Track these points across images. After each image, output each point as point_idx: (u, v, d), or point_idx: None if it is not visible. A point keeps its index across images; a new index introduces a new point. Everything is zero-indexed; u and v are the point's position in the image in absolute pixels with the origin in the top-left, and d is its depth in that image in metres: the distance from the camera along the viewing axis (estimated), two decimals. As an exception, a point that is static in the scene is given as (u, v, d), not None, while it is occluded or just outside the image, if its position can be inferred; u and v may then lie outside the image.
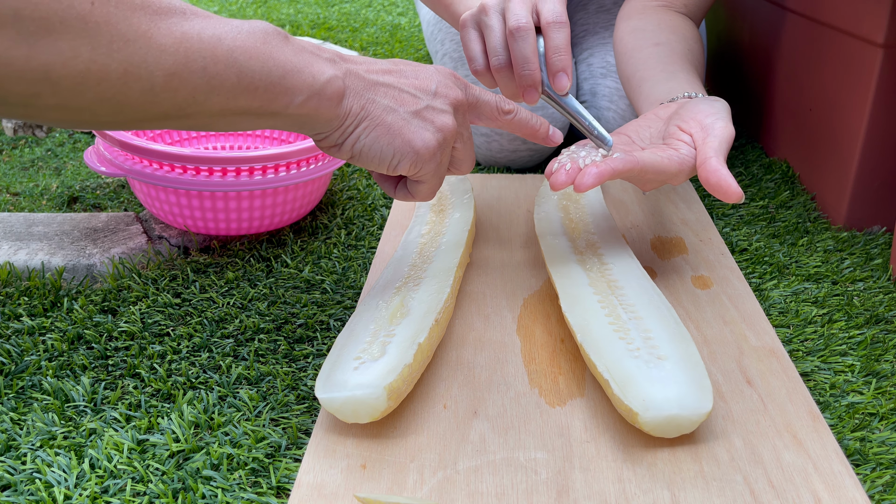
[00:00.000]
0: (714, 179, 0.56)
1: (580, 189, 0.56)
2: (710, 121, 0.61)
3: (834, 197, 0.81)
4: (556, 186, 0.57)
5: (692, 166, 0.60)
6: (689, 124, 0.62)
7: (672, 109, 0.66)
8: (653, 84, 0.73)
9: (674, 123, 0.63)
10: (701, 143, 0.59)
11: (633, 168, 0.57)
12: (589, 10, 1.06)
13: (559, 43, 0.62)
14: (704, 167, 0.57)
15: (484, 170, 0.97)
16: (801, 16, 0.87)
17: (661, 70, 0.74)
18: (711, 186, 0.57)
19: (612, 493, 0.45)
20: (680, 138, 0.61)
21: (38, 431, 0.52)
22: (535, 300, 0.65)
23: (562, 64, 0.62)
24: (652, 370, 0.49)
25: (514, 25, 0.61)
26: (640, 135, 0.64)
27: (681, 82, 0.70)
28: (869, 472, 0.49)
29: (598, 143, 0.61)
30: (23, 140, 1.08)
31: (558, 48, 0.62)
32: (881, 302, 0.67)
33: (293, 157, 0.73)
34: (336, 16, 1.94)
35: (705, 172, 0.57)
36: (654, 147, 0.61)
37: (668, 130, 0.63)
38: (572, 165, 0.57)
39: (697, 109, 0.62)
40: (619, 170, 0.56)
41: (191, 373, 0.58)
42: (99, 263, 0.71)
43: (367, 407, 0.47)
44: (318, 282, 0.70)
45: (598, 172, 0.55)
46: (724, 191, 0.56)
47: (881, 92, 0.74)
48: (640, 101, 0.74)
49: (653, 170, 0.58)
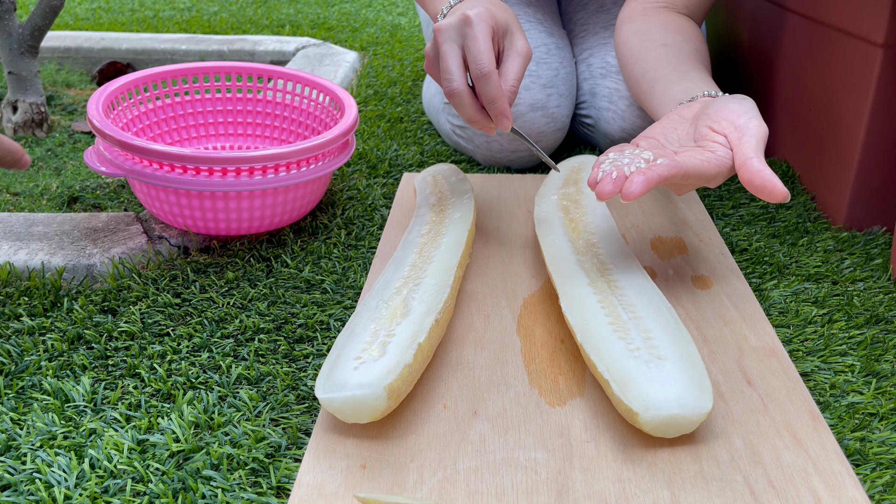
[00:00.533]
0: (758, 181, 0.55)
1: (628, 198, 0.54)
2: (744, 120, 0.59)
3: (834, 197, 0.81)
4: (602, 196, 0.56)
5: (730, 168, 0.58)
6: (722, 125, 0.60)
7: (695, 109, 0.65)
8: (666, 84, 0.72)
9: (704, 124, 0.61)
10: (737, 144, 0.58)
11: (677, 173, 0.56)
12: (589, 9, 1.06)
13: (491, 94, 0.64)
14: (746, 168, 0.56)
15: (484, 170, 0.97)
16: (801, 16, 0.87)
17: (672, 70, 0.73)
18: (755, 188, 0.55)
19: (612, 493, 0.45)
20: (714, 140, 0.60)
21: (38, 431, 0.52)
22: (535, 300, 0.65)
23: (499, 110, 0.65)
24: (652, 370, 0.49)
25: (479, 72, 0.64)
26: (667, 137, 0.63)
27: (695, 81, 0.70)
28: (869, 472, 0.49)
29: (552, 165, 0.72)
30: (23, 140, 1.08)
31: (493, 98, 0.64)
32: (881, 302, 0.67)
33: (293, 157, 0.73)
34: (336, 16, 1.94)
35: (748, 174, 0.56)
36: (690, 150, 0.60)
37: (700, 132, 0.61)
38: (618, 174, 0.56)
39: (728, 109, 0.61)
40: (664, 176, 0.55)
41: (191, 373, 0.58)
42: (99, 263, 0.71)
43: (367, 407, 0.47)
44: (318, 282, 0.70)
45: (645, 180, 0.54)
46: (770, 191, 0.55)
47: (881, 92, 0.74)
48: (655, 101, 0.73)
49: (695, 174, 0.57)
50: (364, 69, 1.43)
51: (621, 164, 0.57)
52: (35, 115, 1.09)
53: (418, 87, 1.31)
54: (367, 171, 0.95)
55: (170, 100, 0.89)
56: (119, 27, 1.79)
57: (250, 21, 1.86)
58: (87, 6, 2.04)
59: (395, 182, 0.92)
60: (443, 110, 1.02)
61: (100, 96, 0.79)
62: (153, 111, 0.88)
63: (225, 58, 1.50)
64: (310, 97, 0.90)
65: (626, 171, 0.56)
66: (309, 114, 0.90)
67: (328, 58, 1.44)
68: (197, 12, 1.97)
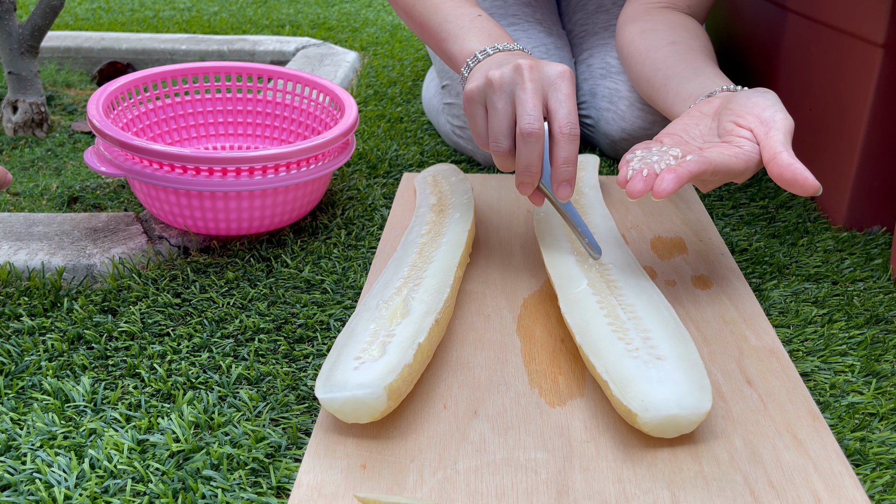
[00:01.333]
0: (790, 174, 0.54)
1: (659, 195, 0.53)
2: (769, 114, 0.59)
3: (834, 197, 0.81)
4: (633, 194, 0.55)
5: (758, 162, 0.58)
6: (747, 119, 0.59)
7: (716, 105, 0.64)
8: (681, 81, 0.71)
9: (728, 119, 0.60)
10: (764, 138, 0.57)
11: (707, 169, 0.55)
12: (588, 10, 1.06)
13: (569, 155, 0.59)
14: (776, 163, 0.55)
15: (484, 170, 0.97)
16: (801, 16, 0.87)
17: (685, 67, 0.72)
18: (787, 181, 0.55)
19: (612, 493, 0.45)
20: (740, 135, 0.59)
21: (38, 431, 0.52)
22: (535, 300, 0.65)
23: (568, 175, 0.60)
24: (651, 370, 0.49)
25: (527, 130, 0.58)
26: (689, 133, 0.62)
27: (710, 77, 0.69)
28: (869, 472, 0.49)
29: (589, 252, 0.62)
30: (23, 140, 1.08)
31: (568, 160, 0.59)
32: (881, 302, 0.67)
33: (293, 157, 0.73)
34: (336, 16, 1.94)
35: (778, 168, 0.55)
36: (717, 146, 0.59)
37: (724, 127, 0.60)
38: (649, 172, 0.55)
39: (752, 103, 0.60)
40: (695, 172, 0.54)
41: (191, 373, 0.58)
42: (99, 263, 0.71)
43: (367, 407, 0.47)
44: (318, 282, 0.70)
45: (676, 177, 0.53)
46: (801, 185, 0.54)
47: (881, 92, 0.74)
48: (670, 98, 0.72)
49: (724, 170, 0.56)
50: (364, 69, 1.43)
51: (650, 161, 0.56)
52: (35, 115, 1.09)
53: (418, 87, 1.31)
54: (367, 171, 0.95)
55: (170, 100, 0.89)
56: (119, 27, 1.79)
57: (250, 21, 1.86)
58: (87, 6, 2.04)
59: (395, 182, 0.92)
60: (443, 110, 1.02)
61: (100, 96, 0.79)
62: (153, 111, 0.87)
63: (225, 58, 1.50)
64: (310, 97, 0.90)
65: (656, 168, 0.55)
66: (309, 114, 0.90)
67: (328, 58, 1.44)
68: (197, 12, 1.97)
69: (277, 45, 1.52)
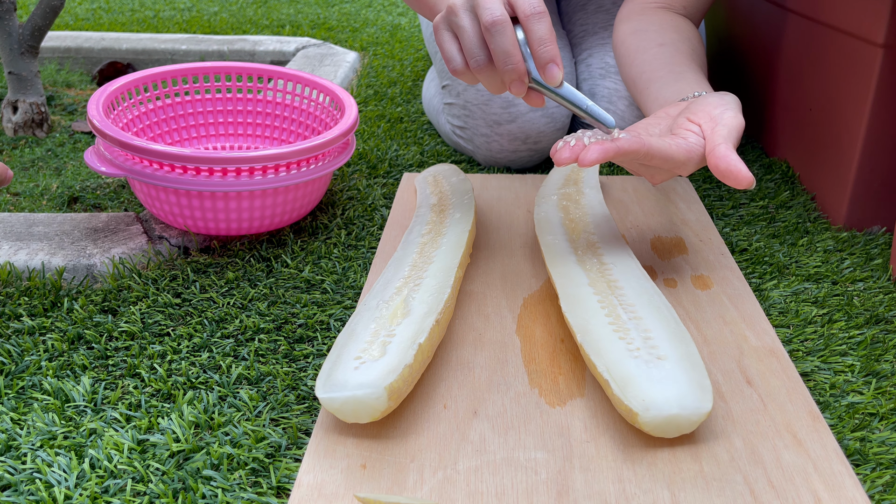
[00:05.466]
0: (724, 165, 0.56)
1: (584, 164, 0.54)
2: (719, 111, 0.60)
3: (834, 197, 0.81)
4: (560, 162, 0.56)
5: (701, 155, 0.59)
6: (699, 115, 0.61)
7: (682, 107, 0.66)
8: (661, 85, 0.72)
9: (683, 117, 0.63)
10: (710, 133, 0.59)
11: (639, 149, 0.56)
12: (588, 10, 1.06)
13: (543, 34, 0.58)
14: (713, 154, 0.57)
15: (484, 170, 0.97)
16: (801, 16, 0.87)
17: (668, 71, 0.73)
18: (721, 172, 0.56)
19: (612, 493, 0.45)
20: (688, 128, 0.61)
21: (38, 431, 0.52)
22: (535, 300, 0.65)
23: (549, 55, 0.58)
24: (652, 370, 0.49)
25: (490, 20, 0.57)
26: (649, 131, 0.64)
27: (689, 82, 0.70)
28: (869, 472, 0.49)
29: (599, 126, 0.59)
30: (23, 140, 1.08)
31: (543, 39, 0.58)
32: (881, 302, 0.67)
33: (293, 157, 0.73)
34: (336, 16, 1.94)
35: (714, 159, 0.56)
36: (661, 135, 0.61)
37: (677, 122, 0.62)
38: (577, 142, 0.56)
39: (707, 102, 0.62)
40: (623, 148, 0.55)
41: (191, 373, 0.58)
42: (99, 263, 0.71)
43: (367, 407, 0.47)
44: (318, 282, 0.70)
45: (602, 149, 0.54)
46: (735, 176, 0.55)
47: (881, 92, 0.74)
48: (649, 102, 0.73)
49: (659, 155, 0.57)
50: (364, 69, 1.44)
51: (584, 136, 0.58)
52: (35, 115, 1.09)
53: (418, 87, 1.31)
54: (367, 171, 0.95)
55: (170, 100, 0.89)
56: (119, 27, 1.79)
57: (250, 21, 1.86)
58: (87, 6, 2.04)
59: (395, 182, 0.92)
60: (443, 111, 1.02)
61: (100, 96, 0.79)
62: (153, 111, 0.88)
63: (225, 58, 1.50)
64: (310, 97, 0.90)
65: (585, 140, 0.57)
66: (309, 114, 0.90)
67: (328, 58, 1.44)
68: (197, 12, 1.97)
69: (277, 46, 1.52)
